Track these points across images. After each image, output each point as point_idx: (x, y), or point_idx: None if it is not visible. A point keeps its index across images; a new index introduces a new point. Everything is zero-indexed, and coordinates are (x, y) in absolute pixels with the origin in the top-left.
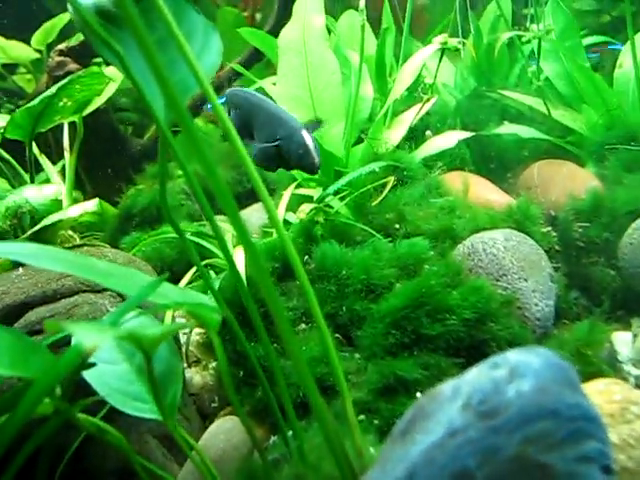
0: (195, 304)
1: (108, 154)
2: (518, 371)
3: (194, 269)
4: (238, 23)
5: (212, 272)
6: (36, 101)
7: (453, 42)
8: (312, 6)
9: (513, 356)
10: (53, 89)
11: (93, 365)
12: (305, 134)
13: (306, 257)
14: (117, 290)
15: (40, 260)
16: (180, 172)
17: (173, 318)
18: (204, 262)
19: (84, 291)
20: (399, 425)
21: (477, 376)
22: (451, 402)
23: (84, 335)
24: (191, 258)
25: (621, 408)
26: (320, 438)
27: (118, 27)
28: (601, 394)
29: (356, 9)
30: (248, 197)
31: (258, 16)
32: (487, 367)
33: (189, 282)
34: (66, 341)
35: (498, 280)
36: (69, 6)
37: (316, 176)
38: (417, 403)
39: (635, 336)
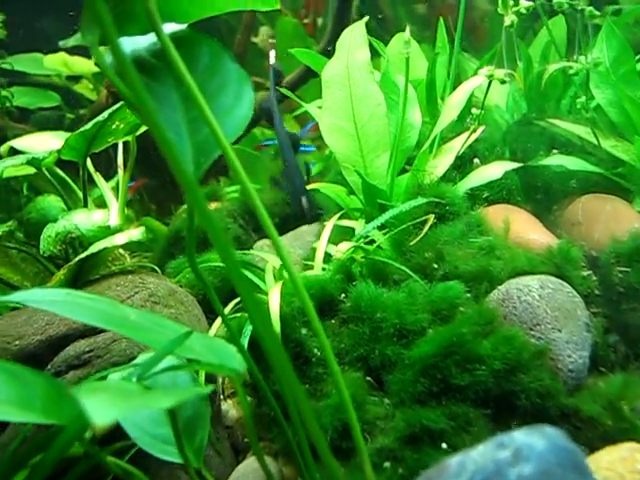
0: (217, 366)
1: (164, 170)
2: (522, 453)
3: (235, 301)
4: (297, 34)
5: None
6: (89, 125)
7: (500, 74)
8: (356, 40)
9: (519, 437)
10: (105, 114)
11: None
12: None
13: (343, 295)
14: (146, 344)
15: (72, 311)
16: (229, 190)
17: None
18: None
19: None
20: None
21: (482, 454)
22: (455, 479)
23: (95, 413)
24: (213, 302)
25: None
26: None
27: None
28: (623, 462)
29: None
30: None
31: (319, 21)
32: (493, 446)
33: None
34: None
35: (531, 329)
36: None
37: (360, 207)
38: (426, 474)
39: None
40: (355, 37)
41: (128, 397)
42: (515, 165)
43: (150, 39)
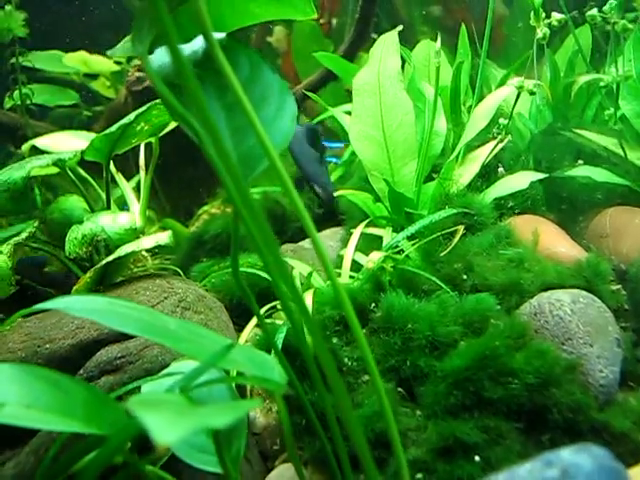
0: (260, 378)
1: (184, 168)
2: (569, 473)
3: (266, 307)
4: (314, 35)
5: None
6: (115, 127)
7: (529, 85)
8: (388, 50)
9: (567, 456)
10: (131, 116)
11: None
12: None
13: (373, 305)
14: (187, 355)
15: (114, 320)
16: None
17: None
18: (275, 303)
19: None
20: None
21: (530, 472)
22: None
23: (159, 431)
24: (249, 303)
25: None
26: None
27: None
28: None
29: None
30: (319, 222)
31: (334, 21)
32: (540, 464)
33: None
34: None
35: (563, 344)
36: None
37: (387, 215)
38: None
39: None
40: (387, 46)
41: (186, 414)
42: (541, 175)
43: (191, 47)
